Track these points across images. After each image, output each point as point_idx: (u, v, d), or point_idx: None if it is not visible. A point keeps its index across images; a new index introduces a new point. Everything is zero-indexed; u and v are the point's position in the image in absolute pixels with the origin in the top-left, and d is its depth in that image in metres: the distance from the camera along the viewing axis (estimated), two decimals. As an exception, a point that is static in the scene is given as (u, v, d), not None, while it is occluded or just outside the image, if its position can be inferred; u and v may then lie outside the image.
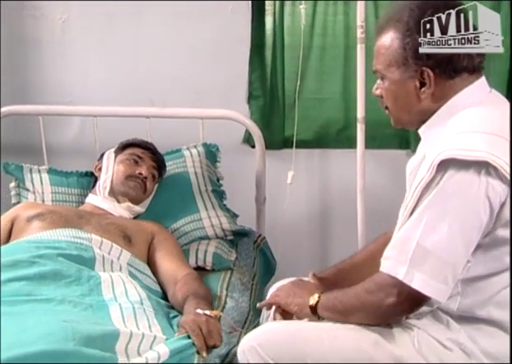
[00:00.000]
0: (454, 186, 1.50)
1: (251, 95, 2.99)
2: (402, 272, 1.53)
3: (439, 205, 1.52)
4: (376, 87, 1.76)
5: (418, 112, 1.70)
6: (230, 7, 2.91)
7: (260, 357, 1.65)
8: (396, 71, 1.67)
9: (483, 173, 1.48)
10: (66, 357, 1.40)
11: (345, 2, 2.93)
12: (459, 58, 1.62)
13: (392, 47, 1.66)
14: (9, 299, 1.68)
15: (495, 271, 1.58)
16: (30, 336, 1.45)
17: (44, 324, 1.53)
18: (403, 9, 1.66)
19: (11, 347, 1.38)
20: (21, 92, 2.93)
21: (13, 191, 2.50)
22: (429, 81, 1.63)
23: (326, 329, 1.69)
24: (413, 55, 1.62)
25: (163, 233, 2.29)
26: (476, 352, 1.60)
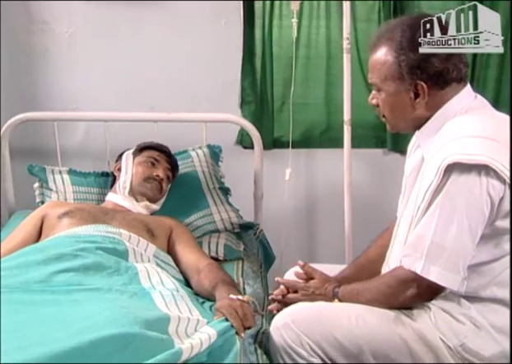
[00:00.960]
0: (460, 187, 1.58)
1: (243, 101, 3.01)
2: (420, 266, 1.61)
3: (447, 205, 1.59)
4: (372, 97, 1.82)
5: (413, 119, 1.78)
6: (223, 21, 2.94)
7: (293, 332, 1.71)
8: (392, 84, 1.73)
9: (483, 174, 1.56)
10: (133, 339, 1.40)
11: (327, 17, 2.99)
12: (449, 71, 1.69)
13: (387, 63, 1.72)
14: (64, 288, 1.69)
15: (495, 257, 1.66)
16: (97, 321, 1.45)
17: (105, 310, 1.53)
18: (395, 29, 1.72)
19: (83, 332, 1.38)
20: (30, 100, 2.90)
21: (37, 191, 2.50)
22: (423, 92, 1.70)
23: (351, 308, 1.75)
24: (408, 71, 1.69)
25: (180, 227, 2.30)
26: (485, 325, 1.68)
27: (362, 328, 1.70)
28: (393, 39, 1.71)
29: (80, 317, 1.50)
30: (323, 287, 1.86)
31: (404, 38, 1.69)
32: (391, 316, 1.71)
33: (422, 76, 1.69)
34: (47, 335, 1.38)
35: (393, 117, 1.81)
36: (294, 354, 1.70)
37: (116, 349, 1.35)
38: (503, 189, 1.58)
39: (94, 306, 1.57)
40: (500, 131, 1.67)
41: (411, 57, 1.68)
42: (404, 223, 1.78)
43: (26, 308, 1.56)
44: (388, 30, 1.75)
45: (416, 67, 1.68)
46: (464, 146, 1.60)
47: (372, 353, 1.70)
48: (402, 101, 1.74)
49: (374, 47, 1.76)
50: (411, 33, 1.69)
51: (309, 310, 1.77)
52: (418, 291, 1.66)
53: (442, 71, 1.68)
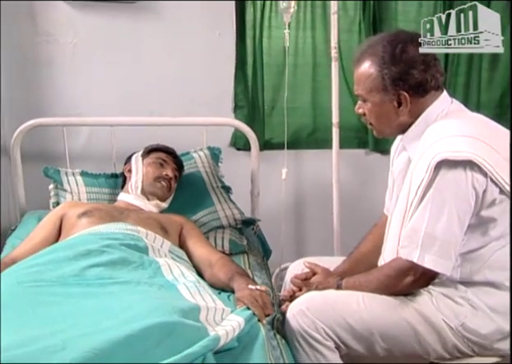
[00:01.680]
0: (448, 182, 1.64)
1: (236, 106, 3.04)
2: (416, 256, 1.66)
3: (438, 198, 1.65)
4: (358, 107, 1.88)
5: (397, 125, 1.83)
6: (217, 32, 2.97)
7: (308, 318, 1.75)
8: (377, 95, 1.78)
9: (468, 169, 1.62)
10: (176, 327, 1.42)
11: (312, 28, 3.03)
12: (428, 81, 1.75)
13: (371, 76, 1.77)
14: (97, 281, 1.69)
15: (484, 244, 1.73)
16: (140, 311, 1.46)
17: (143, 301, 1.54)
18: (377, 45, 1.77)
19: (131, 321, 1.39)
20: (36, 107, 2.87)
21: (52, 192, 2.49)
22: (405, 101, 1.76)
23: (359, 295, 1.79)
24: (391, 83, 1.74)
25: (189, 224, 2.32)
26: (481, 305, 1.75)
27: (371, 313, 1.75)
28: (376, 54, 1.76)
29: (121, 308, 1.50)
30: (325, 281, 1.91)
31: (386, 53, 1.74)
32: (397, 302, 1.77)
33: (404, 86, 1.75)
34: (97, 325, 1.39)
35: (380, 124, 1.86)
36: (309, 338, 1.74)
37: (163, 336, 1.37)
38: (485, 182, 1.65)
39: (130, 298, 1.58)
40: (479, 130, 1.75)
41: (393, 70, 1.74)
42: (396, 218, 1.82)
43: (67, 300, 1.57)
44: (371, 46, 1.80)
45: (399, 79, 1.74)
46: (450, 144, 1.67)
47: (381, 336, 1.75)
48: (387, 110, 1.80)
49: (358, 62, 1.82)
50: (392, 48, 1.74)
51: (321, 297, 1.81)
52: (415, 278, 1.71)
53: (421, 81, 1.74)
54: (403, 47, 1.74)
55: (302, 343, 1.75)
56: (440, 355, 1.78)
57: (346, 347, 1.76)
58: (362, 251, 2.09)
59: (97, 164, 2.84)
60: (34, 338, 1.30)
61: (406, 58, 1.73)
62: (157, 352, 1.32)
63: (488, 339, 1.76)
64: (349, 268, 2.03)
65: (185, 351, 1.33)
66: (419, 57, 1.74)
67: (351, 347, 1.76)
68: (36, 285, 1.63)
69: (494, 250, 1.74)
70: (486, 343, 1.76)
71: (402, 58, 1.73)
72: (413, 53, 1.74)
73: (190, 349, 1.35)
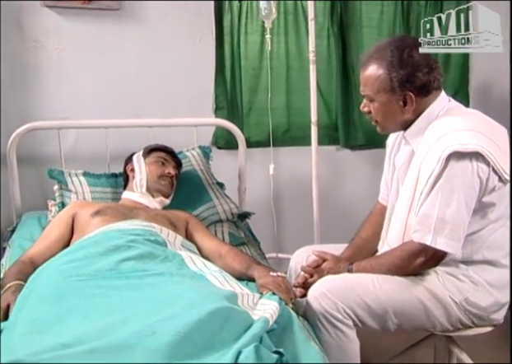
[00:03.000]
0: (457, 172, 1.71)
1: (217, 107, 3.06)
2: (429, 239, 1.73)
3: (447, 187, 1.72)
4: (363, 106, 1.93)
5: (402, 122, 1.90)
6: (198, 38, 2.98)
7: (330, 299, 1.79)
8: (384, 95, 1.84)
9: (474, 160, 1.71)
10: (231, 311, 1.43)
11: (285, 33, 3.09)
12: (431, 82, 1.82)
13: (380, 78, 1.82)
14: (134, 274, 1.66)
15: (483, 226, 1.82)
16: (194, 299, 1.45)
17: (190, 290, 1.54)
18: (385, 49, 1.83)
19: (191, 308, 1.39)
20: (24, 111, 2.79)
21: (57, 193, 2.43)
22: (411, 101, 1.83)
23: (374, 277, 1.85)
24: (398, 84, 1.80)
25: (193, 219, 2.31)
26: (481, 281, 1.84)
27: (386, 292, 1.82)
28: (384, 58, 1.82)
29: (171, 296, 1.49)
30: (336, 266, 1.95)
31: (394, 58, 1.80)
32: (408, 282, 1.84)
33: (410, 88, 1.81)
34: (158, 313, 1.38)
35: (385, 122, 1.92)
36: (331, 318, 1.79)
37: (223, 320, 1.38)
38: (488, 171, 1.74)
39: (174, 287, 1.57)
40: (479, 125, 1.84)
41: (400, 73, 1.80)
42: (402, 205, 1.89)
43: (114, 292, 1.54)
44: (378, 50, 1.86)
45: (406, 81, 1.80)
46: (458, 137, 1.75)
47: (394, 313, 1.82)
48: (393, 109, 1.86)
49: (366, 65, 1.87)
50: (399, 53, 1.80)
51: (340, 280, 1.86)
52: (426, 259, 1.79)
53: (426, 82, 1.81)
54: (410, 52, 1.80)
55: (324, 323, 1.79)
56: (445, 327, 1.87)
57: (362, 324, 1.82)
58: (363, 237, 2.15)
59: (85, 165, 2.79)
60: (110, 326, 1.29)
61: (412, 61, 1.79)
62: (223, 335, 1.33)
63: (487, 311, 1.86)
64: (353, 254, 2.08)
65: (250, 332, 1.35)
66: (423, 60, 1.81)
67: (367, 324, 1.83)
68: (80, 279, 1.60)
69: (492, 232, 1.84)
70: (484, 315, 1.87)
71: (408, 61, 1.79)
72: (418, 57, 1.80)
73: (253, 331, 1.36)
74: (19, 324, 1.37)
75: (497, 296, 1.86)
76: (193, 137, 2.81)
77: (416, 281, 1.84)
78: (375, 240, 2.08)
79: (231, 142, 3.01)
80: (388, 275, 1.85)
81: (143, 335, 1.23)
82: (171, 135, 2.77)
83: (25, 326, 1.35)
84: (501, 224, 1.85)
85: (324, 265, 1.98)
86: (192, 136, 2.82)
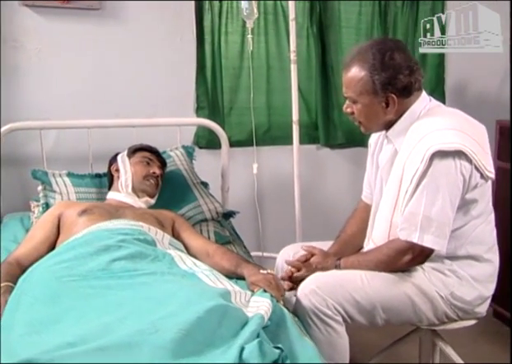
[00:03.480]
0: (441, 170, 1.75)
1: (198, 107, 3.05)
2: (416, 237, 1.76)
3: (432, 185, 1.75)
4: (346, 107, 1.95)
5: (384, 123, 1.93)
6: (179, 38, 2.97)
7: (319, 296, 1.81)
8: (367, 97, 1.86)
9: (457, 158, 1.75)
10: (227, 309, 1.45)
11: (265, 34, 3.10)
12: (412, 84, 1.85)
13: (362, 81, 1.85)
14: (126, 274, 1.66)
15: (466, 222, 1.86)
16: (190, 297, 1.46)
17: (183, 288, 1.55)
18: (366, 52, 1.85)
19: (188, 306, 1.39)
20: (3, 111, 2.75)
21: (41, 193, 2.40)
22: (393, 102, 1.86)
23: (362, 273, 1.88)
24: (381, 87, 1.83)
25: (180, 218, 2.32)
26: (465, 276, 1.89)
27: (374, 288, 1.85)
28: (367, 61, 1.84)
29: (165, 295, 1.50)
30: (323, 261, 1.97)
31: (376, 60, 1.83)
32: (396, 278, 1.88)
33: (392, 90, 1.84)
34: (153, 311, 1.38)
35: (368, 122, 1.95)
36: (321, 314, 1.81)
37: (220, 318, 1.39)
38: (470, 169, 1.79)
39: (166, 286, 1.58)
40: (461, 123, 1.88)
41: (383, 75, 1.82)
42: (386, 204, 1.92)
43: (108, 291, 1.55)
44: (360, 53, 1.88)
45: (388, 83, 1.83)
46: (441, 137, 1.78)
47: (382, 308, 1.86)
48: (376, 110, 1.89)
49: (349, 67, 1.89)
50: (381, 56, 1.83)
51: (328, 277, 1.88)
52: (413, 256, 1.82)
53: (407, 84, 1.85)
54: (391, 54, 1.82)
55: (314, 319, 1.81)
56: (431, 321, 1.92)
57: (351, 320, 1.85)
58: (348, 234, 2.17)
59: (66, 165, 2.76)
60: (108, 325, 1.29)
61: (393, 64, 1.82)
62: (221, 332, 1.35)
63: (471, 305, 1.91)
64: (340, 249, 2.11)
65: (248, 328, 1.37)
66: (405, 62, 1.83)
67: (356, 320, 1.86)
68: (72, 279, 1.60)
69: (474, 228, 1.88)
70: (469, 308, 1.91)
71: (390, 64, 1.82)
72: (399, 59, 1.83)
73: (251, 327, 1.38)
74: (16, 324, 1.37)
75: (481, 290, 1.91)
76: (173, 137, 2.82)
77: (403, 277, 1.87)
78: (361, 235, 2.11)
79: (212, 142, 3.02)
80: (377, 271, 1.88)
81: (147, 333, 1.23)
82: (152, 135, 2.75)
83: (23, 327, 1.34)
84: (483, 220, 1.90)
85: (312, 259, 2.00)
86: (172, 135, 2.82)
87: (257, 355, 1.21)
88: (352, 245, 2.13)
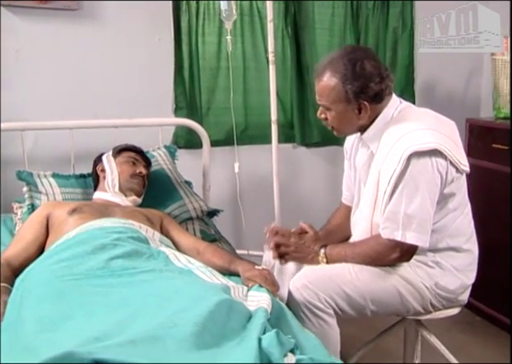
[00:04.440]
0: (419, 169, 1.82)
1: (177, 107, 3.06)
2: (399, 234, 1.83)
3: (411, 184, 1.83)
4: (320, 113, 2.01)
5: (357, 127, 2.00)
6: (157, 38, 2.98)
7: (311, 290, 1.87)
8: (340, 105, 1.92)
9: (433, 156, 1.83)
10: (232, 303, 1.49)
11: (241, 35, 3.13)
12: (383, 90, 1.92)
13: (335, 90, 1.90)
14: (125, 272, 1.67)
15: (444, 216, 1.95)
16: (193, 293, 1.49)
17: (186, 284, 1.58)
18: (338, 62, 1.91)
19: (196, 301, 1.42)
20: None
21: (26, 194, 2.38)
22: (365, 109, 1.92)
23: (350, 266, 1.94)
24: (353, 95, 1.89)
25: (167, 217, 2.34)
26: (448, 266, 1.97)
27: (363, 281, 1.91)
28: (338, 71, 1.89)
29: (169, 292, 1.52)
30: (314, 242, 2.03)
31: (348, 70, 1.88)
32: (383, 271, 1.94)
33: (365, 98, 1.90)
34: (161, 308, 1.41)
35: (341, 128, 2.02)
36: (313, 308, 1.87)
37: (228, 311, 1.43)
38: (446, 165, 1.87)
39: (168, 283, 1.60)
40: (433, 122, 1.96)
41: (354, 85, 1.88)
42: (366, 204, 1.99)
43: (111, 290, 1.56)
44: (332, 62, 1.93)
45: (360, 92, 1.89)
46: (417, 137, 1.86)
47: (371, 300, 1.92)
48: (349, 116, 1.95)
49: (321, 76, 1.94)
50: (352, 66, 1.88)
51: (319, 272, 1.94)
52: (401, 254, 1.89)
53: (378, 91, 1.91)
54: (361, 64, 1.88)
55: (307, 313, 1.87)
56: (417, 311, 1.99)
57: (341, 312, 1.91)
58: (333, 224, 2.25)
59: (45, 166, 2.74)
60: (121, 321, 1.31)
61: (364, 73, 1.87)
62: (231, 325, 1.38)
63: (455, 293, 2.00)
64: (325, 237, 2.16)
65: (257, 321, 1.41)
66: (375, 71, 1.89)
67: (346, 312, 1.92)
68: (74, 278, 1.61)
69: (453, 220, 1.97)
70: (452, 297, 2.00)
71: (361, 74, 1.87)
72: (370, 68, 1.88)
73: (259, 320, 1.42)
74: (25, 322, 1.37)
75: (463, 279, 1.99)
76: (152, 137, 2.82)
77: (389, 270, 1.94)
78: (345, 228, 2.17)
79: (191, 142, 3.05)
80: (363, 265, 1.94)
81: (166, 327, 1.26)
82: (131, 135, 2.74)
83: (34, 325, 1.35)
84: (460, 212, 1.99)
85: (307, 236, 2.07)
86: (151, 136, 2.83)
87: (276, 344, 1.25)
88: (337, 234, 2.21)
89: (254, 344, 1.24)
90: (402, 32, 3.36)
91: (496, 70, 2.85)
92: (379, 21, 3.31)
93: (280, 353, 1.23)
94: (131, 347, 1.13)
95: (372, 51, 2.04)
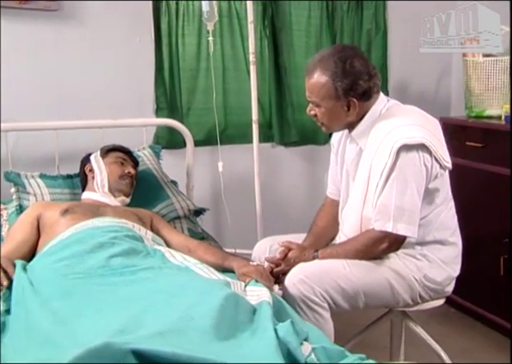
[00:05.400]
0: (407, 162, 1.89)
1: (158, 107, 3.07)
2: (390, 226, 1.90)
3: (401, 177, 1.89)
4: (310, 109, 2.06)
5: (346, 124, 2.06)
6: (138, 39, 2.98)
7: (307, 284, 1.90)
8: (330, 102, 1.98)
9: (420, 151, 1.90)
10: (238, 297, 1.52)
11: (220, 35, 3.15)
12: (371, 88, 1.98)
13: (325, 87, 1.96)
14: (126, 270, 1.69)
15: (431, 210, 2.02)
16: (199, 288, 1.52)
17: (190, 280, 1.61)
18: (328, 60, 1.96)
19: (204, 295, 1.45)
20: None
21: (14, 195, 2.36)
22: (354, 106, 1.98)
23: (343, 261, 1.98)
24: (343, 92, 1.95)
25: (157, 216, 2.34)
26: (435, 259, 2.04)
27: (356, 275, 1.96)
28: (328, 68, 1.95)
29: (174, 288, 1.54)
30: (301, 254, 2.05)
31: (338, 68, 1.94)
32: (374, 264, 2.00)
33: (354, 95, 1.96)
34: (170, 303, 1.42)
35: (330, 124, 2.07)
36: (309, 302, 1.90)
37: (235, 304, 1.46)
38: (431, 160, 1.94)
39: (171, 279, 1.63)
40: (419, 119, 2.03)
41: (344, 82, 1.94)
42: (356, 198, 2.03)
43: (115, 288, 1.58)
44: (322, 60, 1.98)
45: (349, 89, 1.95)
46: (405, 132, 1.93)
47: (364, 293, 1.97)
48: (338, 113, 2.01)
49: (312, 73, 1.99)
50: (342, 64, 1.94)
51: (314, 266, 1.97)
52: (389, 244, 1.95)
53: (367, 89, 1.97)
54: (351, 62, 1.94)
55: (303, 307, 1.90)
56: (406, 302, 2.05)
57: (335, 305, 1.95)
58: (320, 226, 2.27)
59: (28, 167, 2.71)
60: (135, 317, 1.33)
61: (354, 71, 1.94)
62: (240, 318, 1.41)
63: (442, 285, 2.06)
64: (314, 242, 2.20)
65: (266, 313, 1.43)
66: (364, 69, 1.96)
67: (340, 305, 1.96)
68: (77, 277, 1.62)
69: (438, 215, 2.04)
70: (439, 289, 2.07)
71: (351, 71, 1.93)
72: (359, 66, 1.95)
73: (267, 312, 1.45)
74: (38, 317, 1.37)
75: (449, 271, 2.06)
76: (132, 138, 2.81)
77: (381, 263, 2.00)
78: (331, 228, 2.23)
79: (172, 142, 3.06)
80: (355, 259, 1.98)
81: (185, 320, 1.28)
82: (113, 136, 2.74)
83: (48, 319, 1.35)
84: (445, 207, 2.06)
85: (291, 254, 2.07)
86: (132, 136, 2.83)
87: (292, 333, 1.28)
88: (325, 237, 2.24)
89: (272, 334, 1.27)
90: (376, 34, 3.43)
91: (468, 71, 2.94)
92: (353, 22, 3.37)
93: (297, 342, 1.26)
94: (160, 339, 1.15)
95: (360, 50, 2.09)
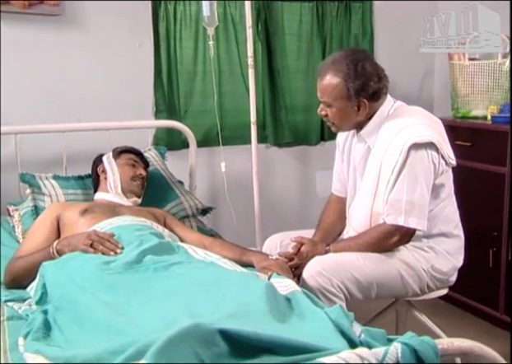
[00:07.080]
0: (417, 160, 2.00)
1: (157, 110, 3.11)
2: (402, 220, 2.00)
3: (411, 173, 2.00)
4: (321, 110, 2.16)
5: (356, 123, 2.16)
6: (137, 44, 3.03)
7: (326, 277, 1.98)
8: (341, 102, 2.08)
9: (428, 148, 2.01)
10: (273, 287, 1.58)
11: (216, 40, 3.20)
12: (381, 89, 2.09)
13: (338, 87, 2.06)
14: (158, 265, 1.73)
15: (436, 205, 2.12)
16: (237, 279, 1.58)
17: (224, 273, 1.67)
18: (341, 62, 2.06)
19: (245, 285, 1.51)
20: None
21: (30, 196, 2.38)
22: (364, 106, 2.08)
23: (357, 254, 2.07)
24: (354, 93, 2.05)
25: (169, 214, 2.39)
26: (441, 250, 2.15)
27: (370, 266, 2.05)
28: (341, 70, 2.05)
29: (211, 280, 1.59)
30: (314, 248, 2.13)
31: (350, 70, 2.04)
32: (386, 256, 2.09)
33: (365, 95, 2.06)
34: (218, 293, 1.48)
35: (341, 123, 2.16)
36: (327, 292, 1.98)
37: (273, 293, 1.52)
38: (438, 157, 2.05)
39: (203, 272, 1.69)
40: (425, 119, 2.13)
41: (356, 83, 2.04)
42: (366, 195, 2.13)
43: (152, 283, 1.61)
44: (335, 62, 2.08)
45: (360, 90, 2.05)
46: (414, 131, 2.03)
47: (377, 283, 2.06)
48: (349, 113, 2.10)
49: (324, 75, 2.08)
50: (354, 66, 2.04)
51: (330, 259, 2.05)
52: (400, 237, 2.05)
53: (377, 90, 2.07)
54: (363, 64, 2.04)
55: (321, 297, 1.97)
56: (415, 292, 2.15)
57: (350, 296, 2.03)
58: (327, 222, 2.37)
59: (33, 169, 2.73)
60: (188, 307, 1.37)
61: (365, 73, 2.04)
62: (281, 306, 1.47)
63: (447, 275, 2.17)
64: (323, 237, 2.29)
65: (305, 301, 1.50)
66: (374, 71, 2.06)
67: (354, 296, 2.04)
68: (116, 272, 1.66)
69: (443, 209, 2.15)
70: (445, 279, 2.18)
71: (362, 73, 2.03)
72: (370, 68, 2.05)
73: (306, 300, 1.53)
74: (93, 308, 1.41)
75: (454, 262, 2.17)
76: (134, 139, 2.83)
77: (391, 255, 2.09)
78: (339, 223, 2.32)
79: (172, 143, 3.10)
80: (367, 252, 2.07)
81: (244, 305, 1.33)
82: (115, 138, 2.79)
83: (104, 310, 1.40)
84: (449, 201, 2.17)
85: (303, 248, 2.14)
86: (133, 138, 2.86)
87: (343, 316, 1.35)
88: (333, 232, 2.34)
89: (325, 317, 1.34)
90: (363, 38, 3.54)
91: (454, 73, 3.08)
92: (342, 27, 3.48)
93: (349, 324, 1.33)
94: (236, 320, 1.20)
95: (369, 53, 2.18)
